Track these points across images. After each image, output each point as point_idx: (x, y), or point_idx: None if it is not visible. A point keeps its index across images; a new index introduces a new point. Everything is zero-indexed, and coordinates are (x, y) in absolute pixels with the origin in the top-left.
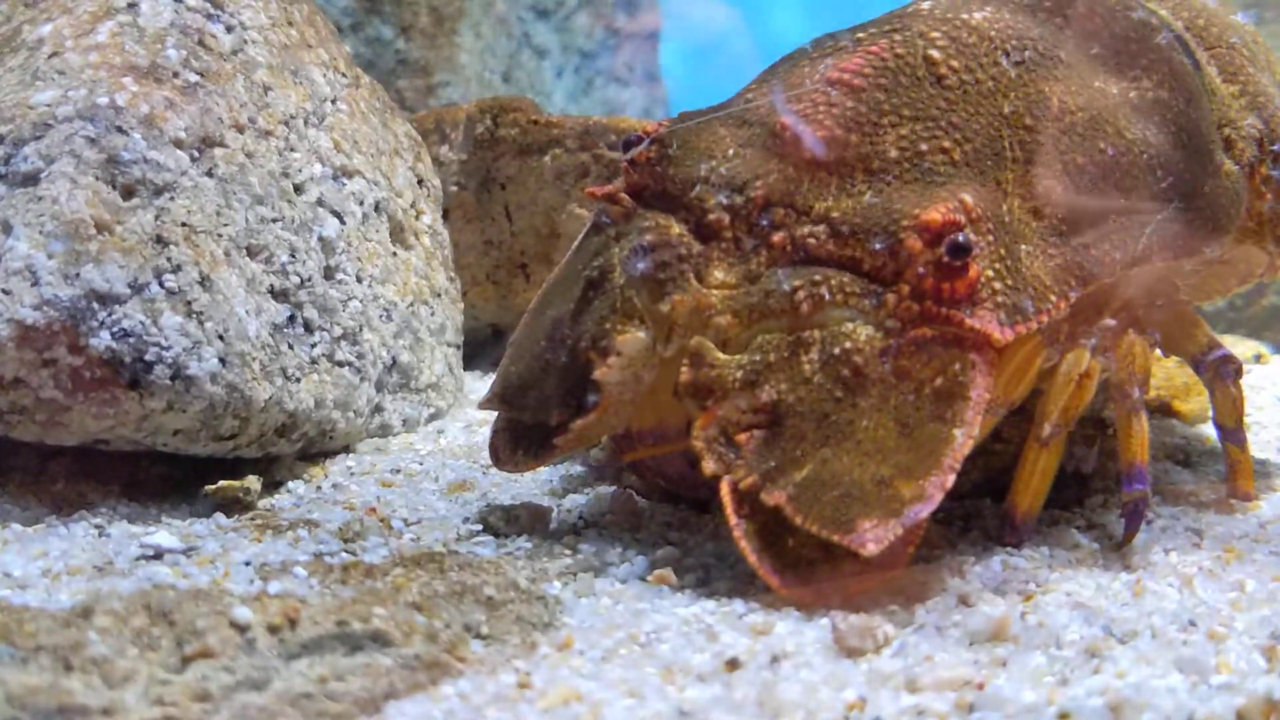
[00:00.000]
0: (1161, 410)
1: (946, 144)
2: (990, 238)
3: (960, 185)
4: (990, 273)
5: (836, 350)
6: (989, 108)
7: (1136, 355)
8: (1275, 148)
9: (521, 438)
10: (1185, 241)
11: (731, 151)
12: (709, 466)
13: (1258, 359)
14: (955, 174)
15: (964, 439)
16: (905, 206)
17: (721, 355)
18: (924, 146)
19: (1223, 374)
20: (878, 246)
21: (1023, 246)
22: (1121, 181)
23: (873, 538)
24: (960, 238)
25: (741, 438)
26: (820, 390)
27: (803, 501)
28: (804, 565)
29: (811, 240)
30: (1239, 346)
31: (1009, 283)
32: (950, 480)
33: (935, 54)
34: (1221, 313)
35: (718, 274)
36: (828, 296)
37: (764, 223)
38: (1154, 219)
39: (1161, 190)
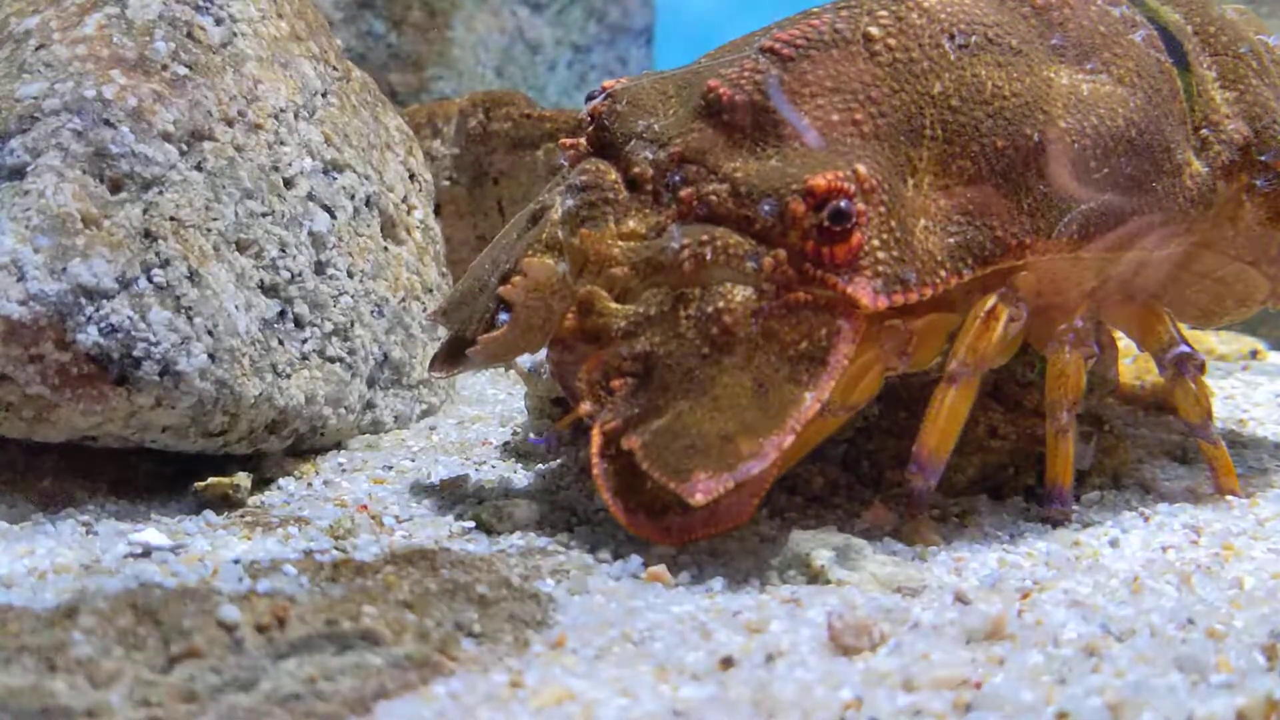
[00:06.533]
0: (1158, 407)
1: (859, 116)
2: (882, 209)
3: (860, 156)
4: (876, 242)
5: (710, 309)
6: (917, 86)
7: (1069, 376)
8: (1264, 158)
9: (454, 349)
10: (1120, 234)
11: (670, 111)
12: (584, 408)
13: (1254, 355)
14: (861, 146)
15: (813, 402)
16: (799, 172)
17: (612, 304)
18: (835, 117)
19: (1182, 371)
20: (766, 208)
21: (921, 221)
22: (1045, 168)
23: (703, 489)
24: (843, 204)
25: (616, 383)
26: (690, 345)
27: (652, 448)
28: (658, 508)
29: (714, 198)
30: (1235, 343)
31: (895, 254)
32: (789, 440)
33: (874, 30)
34: None
35: (631, 223)
36: (709, 256)
37: (677, 178)
38: (1078, 207)
39: (1094, 181)
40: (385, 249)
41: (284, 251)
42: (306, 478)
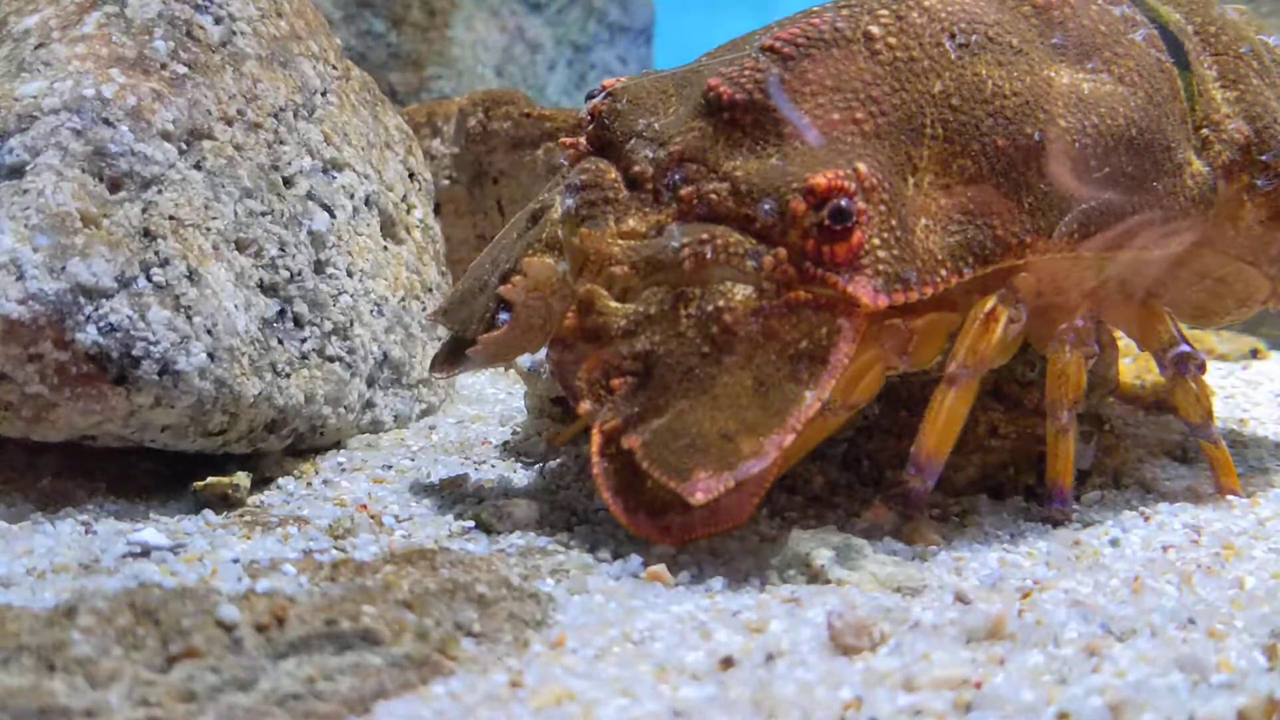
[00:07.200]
0: (1158, 406)
1: (859, 115)
2: (883, 208)
3: (861, 155)
4: (876, 241)
5: (710, 307)
6: (918, 85)
7: (1069, 375)
8: (1264, 158)
9: (455, 349)
10: (1120, 233)
11: (670, 109)
12: (584, 407)
13: (1254, 354)
14: (861, 145)
15: (813, 400)
16: (799, 170)
17: (612, 303)
18: (835, 116)
19: (1182, 370)
20: (766, 207)
21: (922, 220)
22: (1046, 167)
23: (703, 488)
24: (844, 203)
25: (615, 383)
26: (690, 344)
27: (653, 448)
28: (658, 507)
29: (714, 196)
30: (1235, 342)
31: (895, 253)
32: (789, 439)
33: (875, 29)
34: None
35: (631, 222)
36: (709, 255)
37: (677, 177)
38: (1078, 207)
39: (1094, 180)
40: (385, 248)
41: (283, 250)
42: (306, 477)
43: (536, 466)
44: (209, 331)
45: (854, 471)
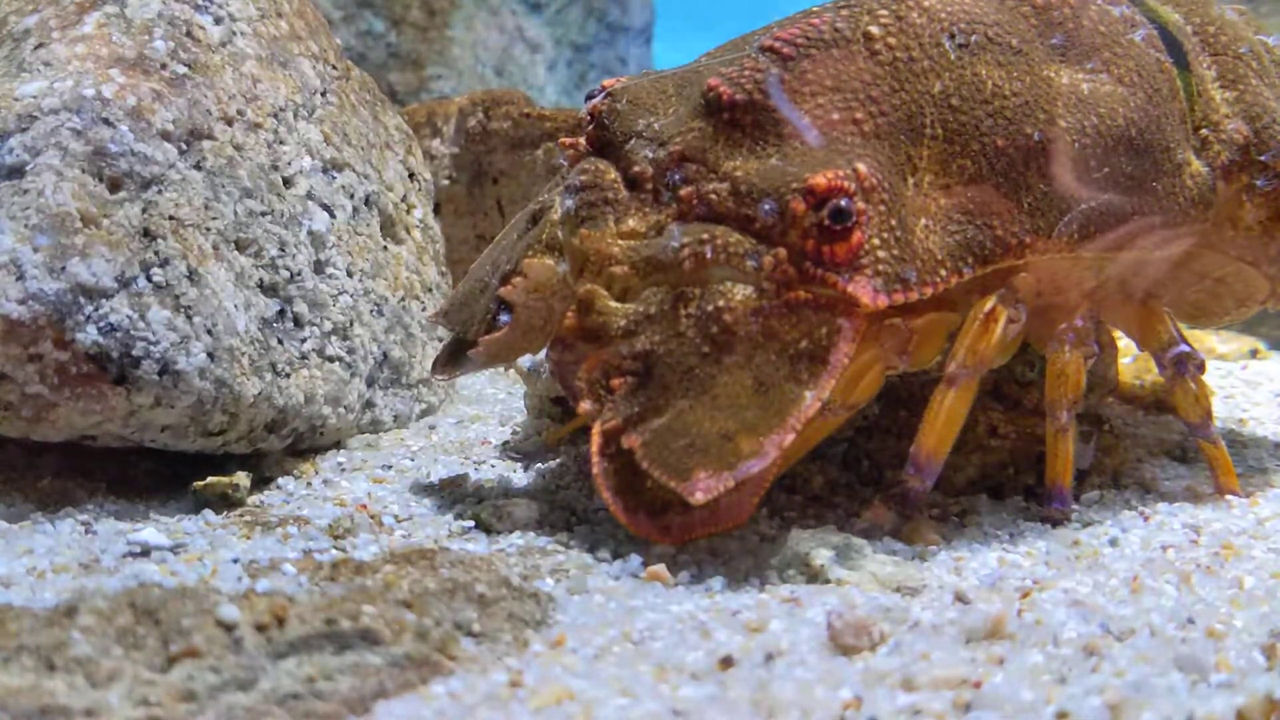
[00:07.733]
0: (1158, 406)
1: (859, 115)
2: (882, 208)
3: (860, 155)
4: (876, 241)
5: (710, 307)
6: (917, 85)
7: (1069, 375)
8: (1263, 158)
9: (455, 351)
10: (1120, 234)
11: (670, 109)
12: (584, 406)
13: (1254, 354)
14: (861, 145)
15: (813, 400)
16: (799, 170)
17: (612, 303)
18: (835, 116)
19: (1182, 370)
20: (766, 207)
21: (922, 220)
22: (1046, 167)
23: (703, 488)
24: (843, 203)
25: (615, 383)
26: (690, 344)
27: (653, 447)
28: (658, 507)
29: (714, 196)
30: (1235, 343)
31: (895, 253)
32: (789, 439)
33: (874, 30)
34: None
35: (631, 222)
36: (709, 255)
37: (677, 177)
38: (1077, 207)
39: (1094, 180)
40: (384, 248)
41: (283, 250)
42: (306, 477)
43: (536, 466)
44: (209, 331)
45: (854, 471)
